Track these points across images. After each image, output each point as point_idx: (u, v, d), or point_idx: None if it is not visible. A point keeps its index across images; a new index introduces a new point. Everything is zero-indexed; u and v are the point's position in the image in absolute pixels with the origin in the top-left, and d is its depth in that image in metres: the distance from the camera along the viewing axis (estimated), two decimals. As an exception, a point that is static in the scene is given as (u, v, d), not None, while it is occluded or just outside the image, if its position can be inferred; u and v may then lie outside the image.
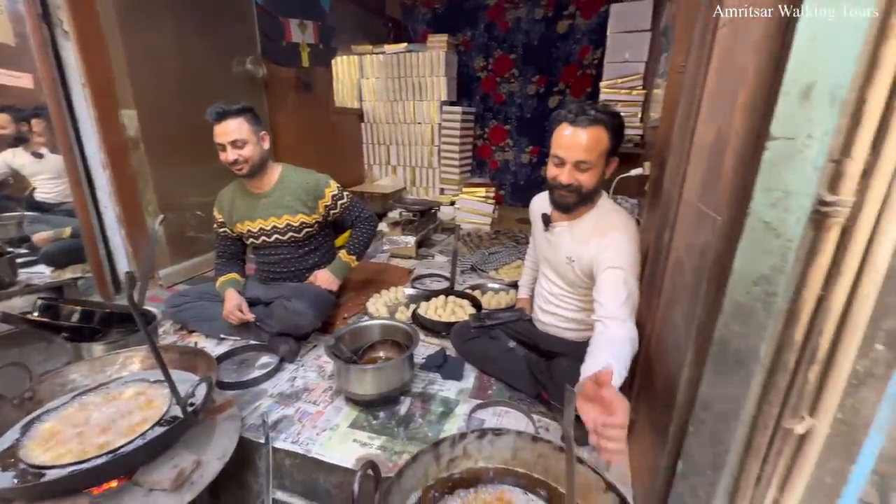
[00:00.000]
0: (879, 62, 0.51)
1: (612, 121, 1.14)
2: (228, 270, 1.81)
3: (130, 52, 1.97)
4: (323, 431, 1.23)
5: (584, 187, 1.17)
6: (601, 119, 1.13)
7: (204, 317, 1.74)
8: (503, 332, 1.51)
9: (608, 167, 1.20)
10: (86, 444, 0.95)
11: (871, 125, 0.53)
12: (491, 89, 4.16)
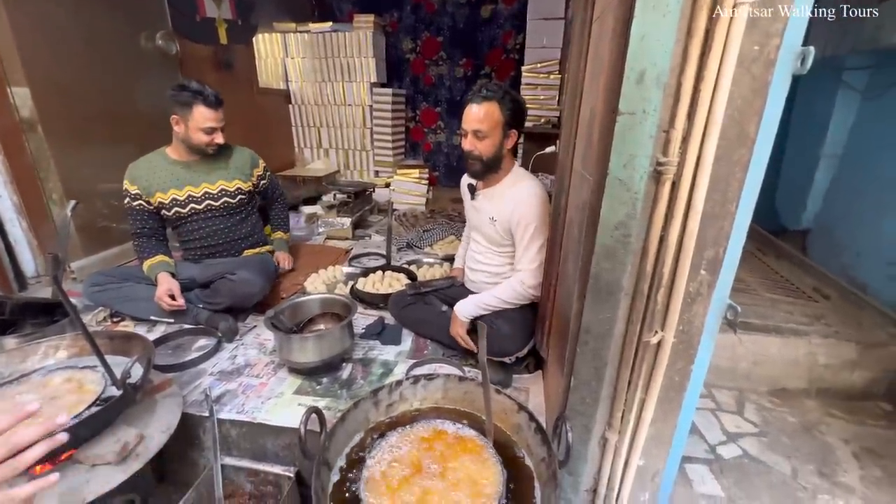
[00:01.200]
0: (689, 54, 0.69)
1: (503, 97, 1.34)
2: (155, 252, 1.74)
3: (16, 23, 1.78)
4: (268, 400, 1.29)
5: (484, 154, 1.39)
6: (492, 96, 1.34)
7: (131, 297, 1.68)
8: (436, 298, 1.64)
9: (507, 139, 1.39)
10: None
11: (686, 102, 0.71)
12: (420, 71, 4.22)
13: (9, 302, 1.26)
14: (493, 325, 1.34)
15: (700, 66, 0.68)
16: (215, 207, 1.79)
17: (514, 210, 1.37)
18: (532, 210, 1.35)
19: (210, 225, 1.81)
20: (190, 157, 1.75)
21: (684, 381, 0.91)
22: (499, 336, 1.33)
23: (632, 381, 0.91)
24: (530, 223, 1.35)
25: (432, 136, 4.43)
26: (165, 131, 1.71)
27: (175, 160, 1.74)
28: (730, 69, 0.67)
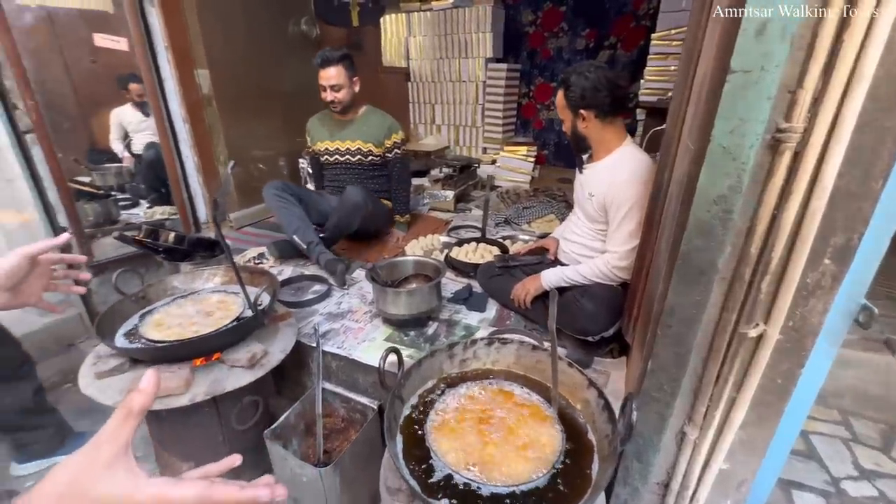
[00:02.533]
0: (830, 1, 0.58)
1: (565, 80, 1.35)
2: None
3: (203, 16, 2.21)
4: (363, 342, 1.47)
5: (568, 135, 1.44)
6: (560, 83, 1.38)
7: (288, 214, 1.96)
8: (523, 272, 1.65)
9: (580, 119, 1.37)
10: (184, 330, 1.24)
11: (822, 55, 0.60)
12: (538, 45, 4.07)
13: (187, 237, 1.63)
14: (578, 301, 1.31)
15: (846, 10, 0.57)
16: (351, 162, 2.18)
17: (609, 188, 1.32)
18: (629, 190, 1.28)
19: (344, 174, 2.22)
20: (342, 116, 2.13)
21: (789, 385, 0.79)
22: (582, 313, 1.30)
23: (721, 375, 0.83)
24: (624, 203, 1.28)
25: (545, 113, 4.29)
26: (303, 106, 2.03)
27: (332, 119, 2.17)
28: (891, 11, 0.55)
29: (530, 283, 1.51)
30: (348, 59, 2.02)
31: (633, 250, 1.29)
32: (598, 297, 1.32)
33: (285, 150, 2.85)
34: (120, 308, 1.30)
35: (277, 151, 2.83)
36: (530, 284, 1.51)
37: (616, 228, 1.32)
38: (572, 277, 1.42)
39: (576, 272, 1.41)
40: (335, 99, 2.01)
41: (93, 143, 3.64)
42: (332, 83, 1.98)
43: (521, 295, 1.52)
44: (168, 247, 1.56)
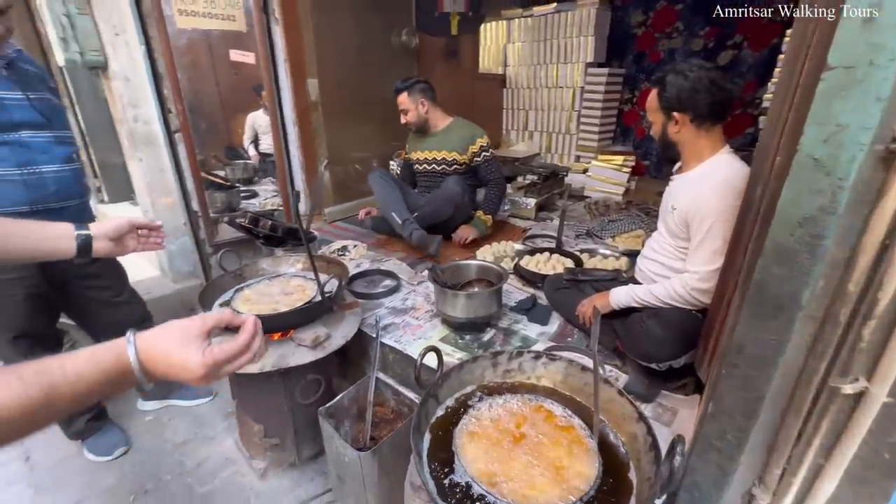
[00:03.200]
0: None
1: (661, 80, 1.24)
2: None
3: (318, 31, 2.48)
4: (419, 339, 1.51)
5: (657, 140, 1.35)
6: (654, 81, 1.28)
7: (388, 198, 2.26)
8: (593, 288, 1.55)
9: (672, 123, 1.27)
10: (265, 307, 1.40)
11: (961, 46, 0.47)
12: (648, 47, 3.77)
13: (281, 226, 1.84)
14: (643, 322, 1.19)
15: None
16: (437, 170, 2.38)
17: (694, 200, 1.17)
18: (715, 204, 1.12)
19: (432, 181, 2.42)
20: (432, 129, 2.36)
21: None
22: (647, 336, 1.17)
23: (803, 434, 0.68)
24: (707, 217, 1.13)
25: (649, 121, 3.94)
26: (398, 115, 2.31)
27: (422, 132, 2.40)
28: None
29: (598, 300, 1.41)
30: (415, 85, 2.26)
31: (715, 272, 1.13)
32: (667, 319, 1.18)
33: (379, 153, 3.06)
34: (220, 282, 1.52)
35: (372, 154, 3.05)
36: (598, 301, 1.41)
37: (698, 245, 1.16)
38: (644, 298, 1.29)
39: (648, 292, 1.28)
40: (406, 120, 2.31)
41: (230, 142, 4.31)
42: (401, 108, 2.29)
43: (588, 312, 1.42)
44: (265, 234, 1.78)
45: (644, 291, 1.29)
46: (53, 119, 1.21)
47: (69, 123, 1.33)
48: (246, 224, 1.78)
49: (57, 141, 1.22)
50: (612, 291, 1.38)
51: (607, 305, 1.36)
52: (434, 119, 2.35)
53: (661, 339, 1.15)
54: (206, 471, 1.57)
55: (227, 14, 2.11)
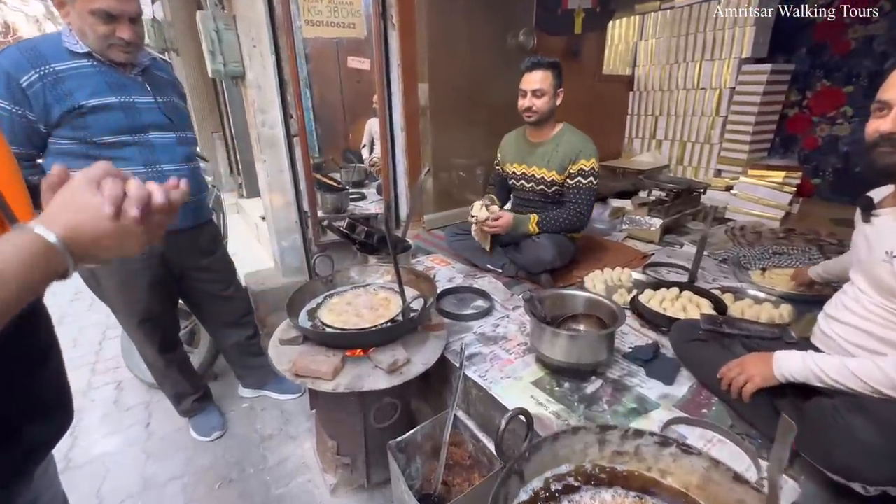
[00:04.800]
0: None
1: None
2: (493, 193, 2.15)
3: (431, 36, 2.43)
4: (507, 378, 1.30)
5: None
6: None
7: (473, 248, 2.10)
8: (743, 346, 1.17)
9: None
10: (348, 320, 1.33)
11: None
12: (829, 36, 2.99)
13: (376, 233, 1.80)
14: (841, 417, 0.81)
15: None
16: (535, 190, 1.99)
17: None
18: None
19: (529, 199, 2.05)
20: (535, 137, 1.97)
21: None
22: (850, 442, 0.78)
23: None
24: None
25: (824, 129, 3.14)
26: (509, 119, 1.98)
27: (525, 139, 2.02)
28: None
29: (755, 366, 1.03)
30: (558, 68, 1.85)
31: None
32: (884, 418, 0.77)
33: (484, 160, 2.91)
34: (311, 287, 1.50)
35: (477, 160, 2.92)
36: (755, 367, 1.03)
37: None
38: (830, 375, 0.88)
39: (844, 369, 0.87)
40: (533, 106, 1.82)
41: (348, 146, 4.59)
42: (536, 87, 1.80)
43: (738, 381, 1.04)
44: (360, 240, 1.75)
45: (836, 366, 0.88)
46: (177, 120, 1.29)
47: (192, 125, 1.42)
48: (343, 229, 1.76)
49: (179, 141, 1.30)
50: (777, 355, 1.00)
51: (770, 376, 0.99)
52: (550, 122, 1.93)
53: (875, 447, 0.76)
54: (284, 472, 1.57)
55: (349, 22, 2.16)
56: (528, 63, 1.84)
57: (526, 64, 1.85)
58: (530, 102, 1.83)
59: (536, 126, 1.92)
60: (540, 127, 1.92)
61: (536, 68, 1.81)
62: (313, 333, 1.25)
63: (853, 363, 0.88)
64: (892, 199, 0.92)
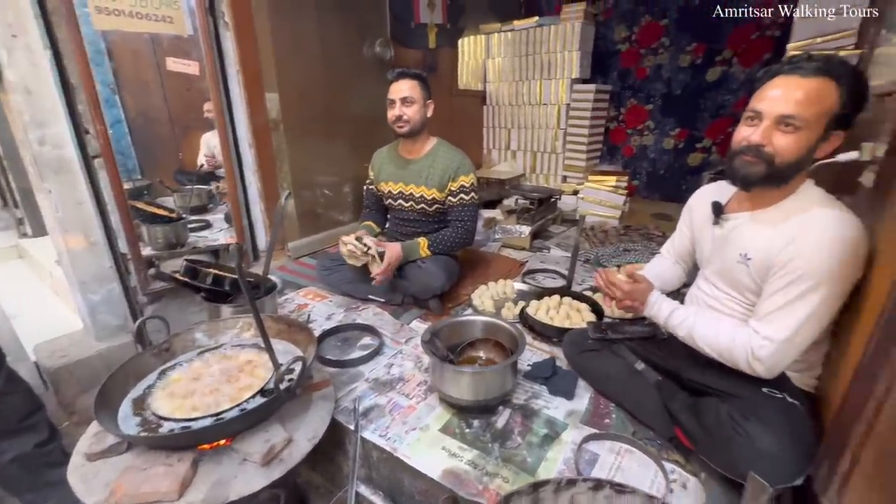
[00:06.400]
0: None
1: (847, 75, 0.83)
2: (370, 219, 1.99)
3: (276, 40, 2.13)
4: (412, 430, 1.14)
5: (779, 156, 0.87)
6: (831, 69, 0.83)
7: (350, 279, 1.87)
8: (630, 350, 1.23)
9: (828, 143, 0.87)
10: (197, 402, 1.00)
11: None
12: (633, 63, 3.62)
13: (227, 278, 1.45)
14: (739, 427, 0.85)
15: None
16: (415, 209, 1.87)
17: (787, 246, 0.86)
18: (821, 256, 0.82)
19: (409, 219, 1.92)
20: (409, 154, 1.86)
21: None
22: (752, 452, 0.84)
23: None
24: (807, 273, 0.83)
25: (636, 139, 3.78)
26: (373, 131, 1.80)
27: (399, 156, 1.89)
28: None
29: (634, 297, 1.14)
30: (424, 79, 1.78)
31: (797, 347, 0.87)
32: (776, 424, 0.85)
33: (351, 176, 2.70)
34: (137, 364, 1.11)
35: (343, 177, 2.69)
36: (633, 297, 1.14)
37: (781, 307, 0.87)
38: (680, 328, 1.05)
39: (691, 328, 1.03)
40: (403, 114, 1.71)
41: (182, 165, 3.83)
42: (405, 94, 1.70)
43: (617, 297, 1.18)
44: (207, 288, 1.38)
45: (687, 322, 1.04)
46: None
47: None
48: (182, 276, 1.37)
49: None
50: (651, 300, 1.12)
51: (640, 309, 1.14)
52: (423, 135, 1.82)
53: (776, 456, 0.82)
54: None
55: (162, 14, 1.73)
56: (394, 73, 1.75)
57: (392, 74, 1.76)
58: (400, 111, 1.72)
59: (410, 140, 1.81)
60: (413, 141, 1.81)
61: (403, 77, 1.73)
62: (139, 440, 0.90)
63: (700, 328, 1.01)
64: (737, 203, 1.05)
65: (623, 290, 1.14)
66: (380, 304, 1.84)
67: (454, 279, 1.85)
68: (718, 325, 0.99)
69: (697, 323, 1.02)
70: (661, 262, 1.35)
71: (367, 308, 1.82)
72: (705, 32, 3.23)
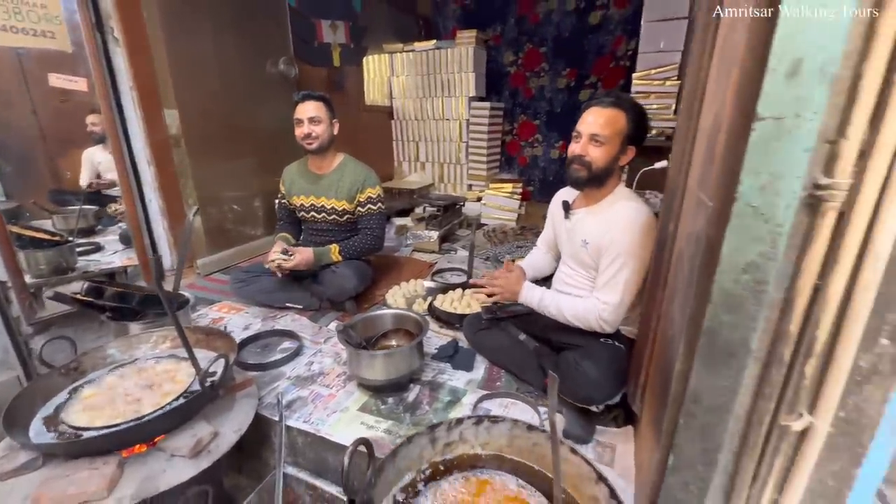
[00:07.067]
0: (876, 34, 0.48)
1: (632, 107, 1.20)
2: (285, 231, 2.09)
3: (173, 56, 2.12)
4: (333, 413, 1.28)
5: (595, 163, 1.21)
6: (621, 103, 1.20)
7: (267, 289, 1.94)
8: (514, 325, 1.51)
9: (625, 154, 1.23)
10: (117, 411, 1.04)
11: (868, 102, 0.50)
12: (520, 84, 4.12)
13: (136, 294, 1.45)
14: (578, 366, 1.16)
15: None
16: (328, 220, 2.01)
17: (606, 233, 1.20)
18: (626, 237, 1.17)
19: (322, 229, 2.04)
20: (319, 169, 1.99)
21: (844, 488, 0.65)
22: (585, 380, 1.14)
23: (759, 475, 0.68)
24: (621, 252, 1.17)
25: (528, 150, 4.28)
26: (280, 147, 1.90)
27: (309, 171, 2.01)
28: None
29: (509, 287, 1.41)
30: (328, 101, 1.93)
31: (624, 306, 1.19)
32: (601, 361, 1.17)
33: (259, 191, 2.72)
34: (44, 385, 1.10)
35: (252, 192, 2.70)
36: (508, 288, 1.41)
37: (610, 279, 1.20)
38: (549, 308, 1.32)
39: (557, 306, 1.30)
40: (312, 132, 1.84)
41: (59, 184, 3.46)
42: (312, 114, 1.84)
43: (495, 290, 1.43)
44: (113, 306, 1.38)
45: (553, 302, 1.32)
46: None
47: None
48: (83, 296, 1.36)
49: None
50: (525, 287, 1.39)
51: (514, 297, 1.40)
52: (331, 151, 1.97)
53: (598, 380, 1.14)
54: None
55: (42, 29, 1.66)
56: (300, 95, 1.89)
57: (297, 96, 1.89)
58: (309, 129, 1.86)
59: (318, 155, 1.94)
60: (322, 156, 1.95)
61: (308, 99, 1.87)
62: (64, 446, 0.93)
63: (563, 303, 1.30)
64: (579, 202, 1.38)
65: (498, 284, 1.42)
66: (298, 311, 1.93)
67: (367, 282, 2.01)
68: (574, 301, 1.29)
69: (560, 301, 1.31)
70: (536, 252, 1.66)
71: (284, 316, 1.90)
72: (575, 60, 3.81)
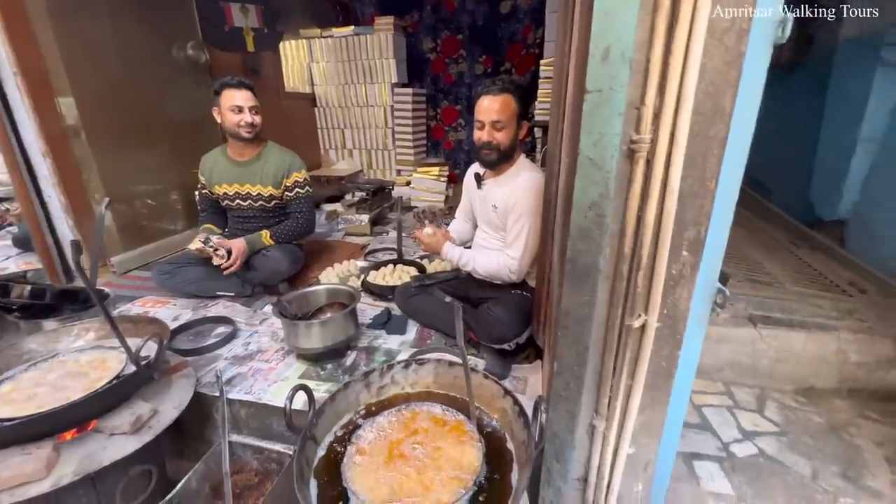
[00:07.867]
0: (656, 28, 0.67)
1: (516, 89, 1.39)
2: (209, 221, 2.05)
3: (64, 40, 1.96)
4: (274, 383, 1.35)
5: (502, 144, 1.41)
6: (508, 88, 1.38)
7: (195, 279, 1.90)
8: (440, 290, 1.67)
9: (521, 130, 1.43)
10: (44, 400, 1.04)
11: (655, 78, 0.70)
12: (441, 70, 4.26)
13: (49, 289, 1.39)
14: (491, 311, 1.35)
15: (668, 39, 0.67)
16: (254, 207, 2.00)
17: (510, 197, 1.40)
18: (525, 199, 1.37)
19: (249, 216, 2.03)
20: (241, 156, 1.96)
21: (672, 367, 0.88)
22: (496, 322, 1.34)
23: (616, 366, 0.89)
24: (522, 212, 1.38)
25: (453, 134, 4.46)
26: (195, 135, 1.85)
27: (231, 158, 1.97)
28: (699, 41, 0.65)
29: (434, 245, 1.59)
30: (251, 87, 1.91)
31: (527, 258, 1.41)
32: (509, 305, 1.37)
33: (177, 183, 2.60)
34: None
35: (168, 184, 2.58)
36: (434, 246, 1.59)
37: (515, 238, 1.40)
38: (467, 263, 1.53)
39: (473, 260, 1.51)
40: (254, 121, 1.86)
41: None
42: (252, 104, 1.85)
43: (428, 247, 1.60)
44: (24, 303, 1.32)
45: (469, 257, 1.53)
46: None
47: None
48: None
49: None
50: (445, 246, 1.58)
51: (438, 253, 1.60)
52: (256, 139, 1.94)
53: (507, 321, 1.33)
54: None
55: None
56: (234, 81, 1.84)
57: (232, 81, 1.84)
58: (251, 118, 1.85)
59: (241, 142, 1.91)
60: (246, 144, 1.92)
61: (243, 87, 1.85)
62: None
63: (478, 259, 1.50)
64: (490, 173, 1.55)
65: (424, 241, 1.58)
66: (230, 299, 1.94)
67: (299, 264, 2.06)
68: (487, 257, 1.48)
69: (476, 258, 1.50)
70: (457, 222, 1.83)
71: (216, 304, 1.90)
72: (490, 47, 4.02)
